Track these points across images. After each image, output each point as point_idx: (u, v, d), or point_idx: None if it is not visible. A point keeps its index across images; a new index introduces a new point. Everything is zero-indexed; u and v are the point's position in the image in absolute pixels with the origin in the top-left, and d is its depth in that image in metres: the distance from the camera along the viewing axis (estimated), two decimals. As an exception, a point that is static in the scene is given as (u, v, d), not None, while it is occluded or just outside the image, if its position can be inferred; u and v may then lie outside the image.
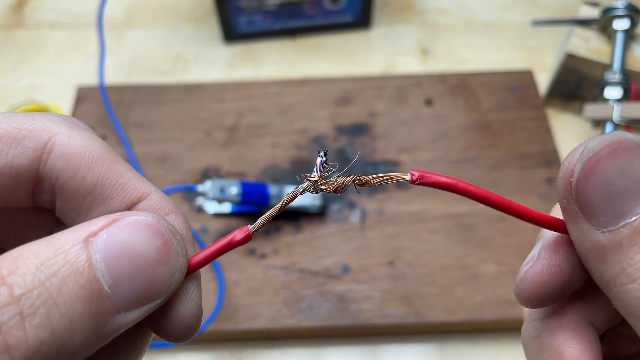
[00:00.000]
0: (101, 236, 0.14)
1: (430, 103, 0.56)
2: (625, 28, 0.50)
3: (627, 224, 0.14)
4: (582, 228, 0.15)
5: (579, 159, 0.15)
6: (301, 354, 0.44)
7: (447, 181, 0.16)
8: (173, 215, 0.17)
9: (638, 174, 0.14)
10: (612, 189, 0.14)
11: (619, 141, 0.14)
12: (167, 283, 0.15)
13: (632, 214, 0.14)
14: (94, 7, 0.67)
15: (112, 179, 0.16)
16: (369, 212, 0.48)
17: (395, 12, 0.68)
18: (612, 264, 0.15)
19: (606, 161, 0.14)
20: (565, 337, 0.18)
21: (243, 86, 0.57)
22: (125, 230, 0.14)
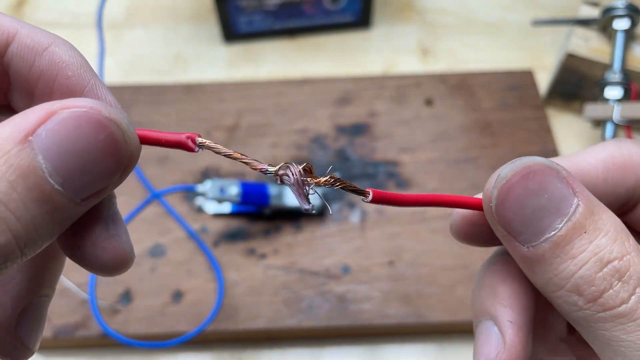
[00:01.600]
0: (40, 134, 0.13)
1: (431, 103, 0.56)
2: (625, 28, 0.50)
3: (547, 238, 0.16)
4: (510, 244, 0.17)
5: (494, 186, 0.17)
6: (301, 354, 0.44)
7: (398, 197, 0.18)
8: None
9: (551, 194, 0.15)
10: (528, 210, 0.16)
11: (528, 166, 0.16)
12: (119, 169, 0.15)
13: (551, 229, 0.15)
14: (94, 6, 0.67)
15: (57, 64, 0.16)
16: (369, 212, 0.48)
17: (395, 11, 0.68)
18: (539, 274, 0.16)
19: (518, 186, 0.16)
20: (503, 278, 0.19)
21: (243, 86, 0.57)
22: (65, 127, 0.13)
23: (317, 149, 0.52)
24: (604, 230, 0.15)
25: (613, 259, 0.15)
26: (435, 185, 0.50)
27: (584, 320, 0.15)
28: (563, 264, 0.15)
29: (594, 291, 0.15)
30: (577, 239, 0.15)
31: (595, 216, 0.15)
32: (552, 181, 0.16)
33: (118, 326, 0.42)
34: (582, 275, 0.15)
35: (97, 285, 0.44)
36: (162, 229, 0.47)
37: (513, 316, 0.18)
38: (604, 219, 0.15)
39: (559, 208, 0.15)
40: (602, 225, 0.15)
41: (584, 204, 0.15)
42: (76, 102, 0.14)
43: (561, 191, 0.15)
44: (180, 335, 0.42)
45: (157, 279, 0.45)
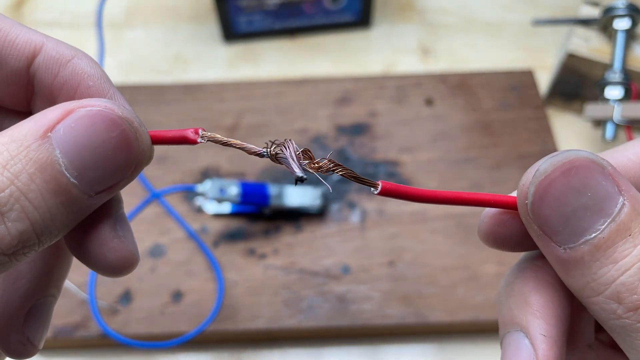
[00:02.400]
0: (58, 130, 0.14)
1: (431, 103, 0.56)
2: (625, 28, 0.50)
3: (587, 240, 0.14)
4: (545, 244, 0.16)
5: (531, 182, 0.15)
6: (301, 355, 0.44)
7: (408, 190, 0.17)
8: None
9: (594, 191, 0.14)
10: (568, 209, 0.14)
11: (571, 161, 0.15)
12: (131, 165, 0.16)
13: (592, 231, 0.14)
14: (93, 6, 0.67)
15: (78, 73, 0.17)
16: (369, 212, 0.48)
17: (395, 11, 0.68)
18: (576, 278, 0.15)
19: (559, 182, 0.15)
20: (536, 286, 0.17)
21: (243, 86, 0.57)
22: (81, 124, 0.15)
23: (317, 149, 0.52)
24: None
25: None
26: (436, 185, 0.50)
27: (622, 329, 0.14)
28: (603, 269, 0.14)
29: (635, 300, 0.14)
30: (620, 242, 0.14)
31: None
32: (597, 178, 0.14)
33: (118, 326, 0.42)
34: (623, 282, 0.14)
35: (97, 286, 0.44)
36: (162, 229, 0.47)
37: (546, 328, 0.17)
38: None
39: (603, 207, 0.14)
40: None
41: (630, 203, 0.14)
42: (92, 102, 0.15)
43: (606, 189, 0.14)
44: (180, 336, 0.42)
45: (156, 279, 0.45)
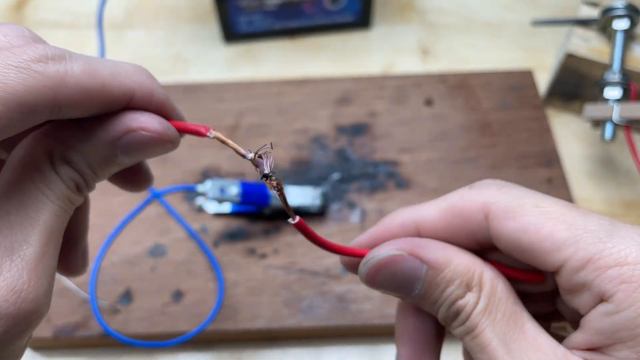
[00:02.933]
0: (123, 140, 0.21)
1: (430, 103, 0.56)
2: (625, 28, 0.50)
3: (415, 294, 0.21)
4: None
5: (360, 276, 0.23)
6: (301, 354, 0.44)
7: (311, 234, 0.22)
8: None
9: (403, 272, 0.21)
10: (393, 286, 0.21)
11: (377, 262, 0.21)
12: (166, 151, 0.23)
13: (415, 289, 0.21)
14: (94, 7, 0.67)
15: None
16: (368, 212, 0.48)
17: (395, 11, 0.68)
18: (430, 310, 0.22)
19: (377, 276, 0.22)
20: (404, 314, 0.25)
21: (243, 86, 0.57)
22: (137, 141, 0.22)
23: (317, 148, 0.52)
24: (450, 280, 0.20)
25: (457, 299, 0.20)
26: (435, 185, 0.50)
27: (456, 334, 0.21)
28: (432, 307, 0.21)
29: (449, 321, 0.21)
30: (434, 291, 0.20)
31: (442, 272, 0.20)
32: (401, 264, 0.20)
33: (118, 326, 0.42)
34: (442, 313, 0.21)
35: (98, 286, 0.44)
36: (162, 229, 0.47)
37: (407, 350, 0.24)
38: (451, 270, 0.20)
39: (414, 277, 0.20)
40: (450, 275, 0.20)
41: (429, 268, 0.20)
42: (149, 126, 0.21)
43: (410, 266, 0.20)
44: (180, 335, 0.42)
45: (157, 278, 0.45)
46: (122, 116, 0.21)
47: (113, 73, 0.20)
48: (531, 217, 0.19)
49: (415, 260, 0.20)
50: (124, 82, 0.20)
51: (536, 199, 0.20)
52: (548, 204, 0.19)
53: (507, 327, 0.19)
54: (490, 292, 0.20)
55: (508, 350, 0.18)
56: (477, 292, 0.20)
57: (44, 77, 0.17)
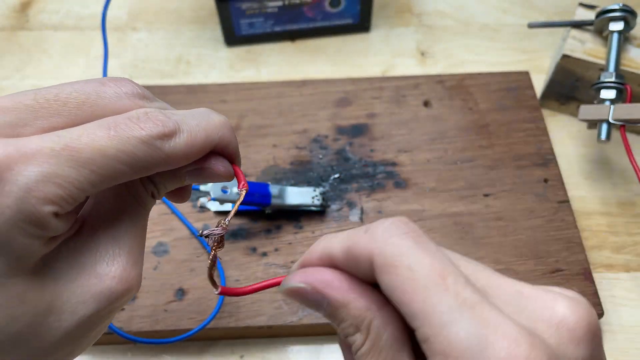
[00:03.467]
0: (193, 172, 0.26)
1: (428, 104, 0.57)
2: (620, 30, 0.51)
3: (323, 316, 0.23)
4: None
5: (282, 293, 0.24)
6: (302, 351, 0.45)
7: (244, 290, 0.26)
8: None
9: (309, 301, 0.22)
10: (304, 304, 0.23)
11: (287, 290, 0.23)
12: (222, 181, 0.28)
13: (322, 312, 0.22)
14: (97, 9, 0.68)
15: None
16: (368, 211, 0.49)
17: (394, 14, 0.68)
18: None
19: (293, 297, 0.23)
20: None
21: (244, 87, 0.58)
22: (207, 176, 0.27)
23: (317, 149, 0.53)
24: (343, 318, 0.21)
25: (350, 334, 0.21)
26: (433, 185, 0.51)
27: None
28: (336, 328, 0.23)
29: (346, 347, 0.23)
30: (332, 321, 0.22)
31: (339, 309, 0.22)
32: (306, 295, 0.22)
33: (122, 323, 0.43)
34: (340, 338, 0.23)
35: (102, 283, 0.45)
36: (165, 228, 0.48)
37: None
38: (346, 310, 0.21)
39: (318, 306, 0.22)
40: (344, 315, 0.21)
41: (330, 304, 0.22)
42: (217, 168, 0.26)
43: (314, 298, 0.22)
44: (183, 332, 0.43)
45: (160, 277, 0.46)
46: (207, 158, 0.26)
47: (209, 135, 0.24)
48: (398, 279, 0.20)
49: (318, 294, 0.22)
50: (213, 140, 0.25)
51: (417, 259, 0.20)
52: (421, 268, 0.20)
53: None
54: (374, 339, 0.21)
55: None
56: (364, 335, 0.21)
57: (160, 151, 0.22)
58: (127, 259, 0.24)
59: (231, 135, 0.26)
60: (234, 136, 0.27)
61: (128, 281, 0.23)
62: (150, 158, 0.22)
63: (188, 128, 0.24)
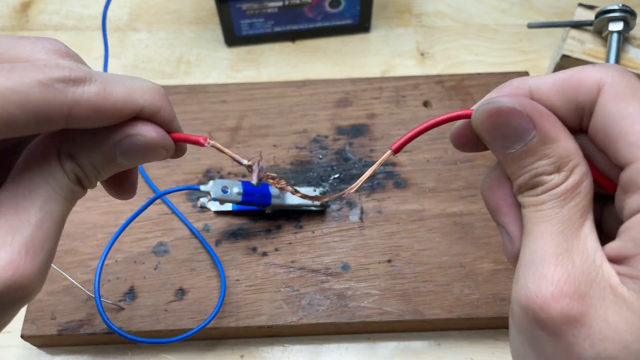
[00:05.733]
0: (123, 143, 0.24)
1: (428, 104, 0.57)
2: (620, 30, 0.51)
3: (509, 153, 0.23)
4: (491, 150, 0.24)
5: (474, 117, 0.24)
6: (302, 350, 0.45)
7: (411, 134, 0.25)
8: None
9: (512, 126, 0.22)
10: (497, 135, 0.23)
11: (497, 108, 0.22)
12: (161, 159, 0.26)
13: (512, 148, 0.22)
14: (98, 9, 0.68)
15: None
16: (367, 211, 0.49)
17: (393, 15, 0.69)
18: (507, 170, 0.24)
19: (489, 120, 0.22)
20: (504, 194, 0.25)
21: (245, 88, 0.58)
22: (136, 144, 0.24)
23: (317, 149, 0.53)
24: (548, 156, 0.21)
25: (543, 173, 0.21)
26: (433, 185, 0.51)
27: (521, 203, 0.23)
28: (516, 170, 0.23)
29: (524, 188, 0.23)
30: (527, 158, 0.22)
31: (547, 145, 0.21)
32: (515, 119, 0.21)
33: (122, 323, 0.43)
34: (523, 178, 0.22)
35: (102, 284, 0.45)
36: (166, 228, 0.48)
37: (511, 221, 0.24)
38: (553, 147, 0.21)
39: (520, 136, 0.22)
40: (550, 152, 0.21)
41: (539, 136, 0.21)
42: (147, 134, 0.24)
43: (522, 125, 0.21)
44: (183, 332, 0.43)
45: (160, 276, 0.46)
46: (125, 123, 0.23)
47: (128, 93, 0.22)
48: (634, 109, 0.20)
49: (529, 122, 0.21)
50: (136, 101, 0.23)
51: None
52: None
53: (571, 218, 0.21)
54: (575, 182, 0.21)
55: (558, 243, 0.21)
56: (564, 177, 0.21)
57: (63, 95, 0.20)
58: (21, 248, 0.21)
59: (163, 102, 0.24)
60: (167, 103, 0.25)
61: (17, 272, 0.20)
62: (49, 103, 0.20)
63: (103, 80, 0.21)
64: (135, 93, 0.23)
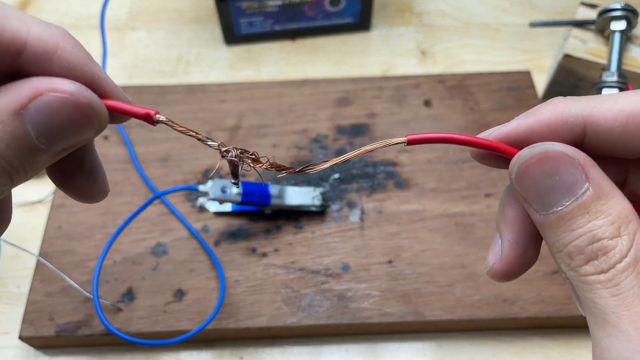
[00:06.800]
0: (29, 109, 0.17)
1: (429, 104, 0.56)
2: (622, 29, 0.51)
3: (555, 211, 0.18)
4: (526, 208, 0.20)
5: (515, 164, 0.20)
6: (301, 352, 0.45)
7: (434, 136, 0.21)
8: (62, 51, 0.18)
9: (562, 176, 0.18)
10: (540, 188, 0.19)
11: (545, 151, 0.19)
12: (90, 134, 0.19)
13: (559, 205, 0.18)
14: (97, 8, 0.68)
15: None
16: (368, 212, 0.49)
17: (394, 13, 0.68)
18: (547, 236, 0.19)
19: (534, 167, 0.19)
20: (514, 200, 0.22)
21: (244, 87, 0.58)
22: (49, 106, 0.17)
23: (317, 149, 0.53)
24: (605, 214, 0.18)
25: (604, 237, 0.17)
26: (434, 185, 0.50)
27: (573, 280, 0.19)
28: (564, 234, 0.18)
29: (581, 259, 0.18)
30: (579, 217, 0.18)
31: (602, 200, 0.18)
32: (565, 167, 0.18)
33: (120, 324, 0.43)
34: (575, 245, 0.18)
35: (100, 285, 0.45)
36: (164, 228, 0.48)
37: (513, 235, 0.21)
38: (609, 204, 0.18)
39: (570, 189, 0.18)
40: (606, 209, 0.18)
41: (593, 189, 0.18)
42: (60, 86, 0.17)
43: (574, 176, 0.18)
44: (182, 333, 0.42)
45: (159, 277, 0.45)
46: (27, 79, 0.17)
47: (5, 16, 0.17)
48: None
49: (581, 172, 0.18)
50: (15, 29, 0.17)
51: None
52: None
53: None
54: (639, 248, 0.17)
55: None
56: (628, 241, 0.17)
57: None
58: None
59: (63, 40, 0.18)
60: (73, 44, 0.18)
61: None
62: None
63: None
64: (17, 18, 0.17)
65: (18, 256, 0.49)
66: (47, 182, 0.53)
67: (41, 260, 0.45)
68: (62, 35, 0.18)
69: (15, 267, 0.48)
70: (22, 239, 0.49)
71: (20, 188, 0.23)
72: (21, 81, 0.17)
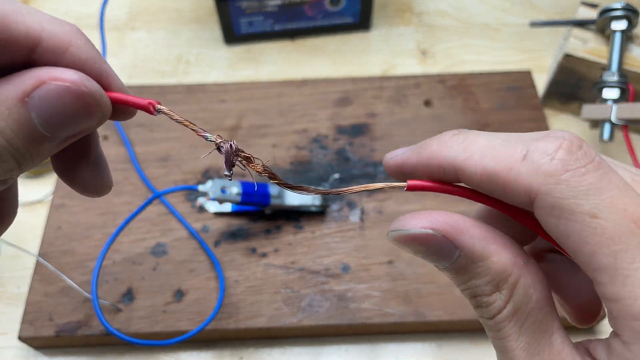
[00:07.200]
0: (34, 97, 0.18)
1: (430, 103, 0.56)
2: (623, 29, 0.51)
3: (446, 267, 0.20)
4: None
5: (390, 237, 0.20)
6: (301, 353, 0.45)
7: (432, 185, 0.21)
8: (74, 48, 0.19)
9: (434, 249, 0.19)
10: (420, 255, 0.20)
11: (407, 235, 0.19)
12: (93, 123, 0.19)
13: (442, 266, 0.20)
14: (96, 8, 0.68)
15: None
16: (368, 212, 0.49)
17: (394, 13, 0.68)
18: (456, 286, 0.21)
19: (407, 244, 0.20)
20: None
21: (244, 87, 0.57)
22: (52, 95, 0.18)
23: (317, 149, 0.53)
24: (481, 274, 0.18)
25: (483, 294, 0.18)
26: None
27: None
28: (457, 284, 0.20)
29: (473, 302, 0.19)
30: (461, 275, 0.19)
31: (477, 263, 0.18)
32: (432, 243, 0.19)
33: (120, 325, 0.43)
34: (465, 292, 0.20)
35: (100, 285, 0.45)
36: (164, 228, 0.48)
37: None
38: (485, 265, 0.18)
39: (445, 256, 0.19)
40: (482, 270, 0.18)
41: (465, 255, 0.18)
42: (63, 75, 0.18)
43: (442, 248, 0.19)
44: (181, 334, 0.42)
45: (159, 278, 0.45)
46: (32, 69, 0.18)
47: (20, 12, 0.18)
48: (575, 227, 0.16)
49: (449, 243, 0.18)
50: (30, 24, 0.18)
51: (604, 202, 0.16)
52: (610, 214, 0.16)
53: (534, 337, 0.18)
54: (520, 302, 0.18)
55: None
56: (506, 296, 0.18)
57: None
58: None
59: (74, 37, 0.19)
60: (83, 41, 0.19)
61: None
62: None
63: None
64: (30, 15, 0.18)
65: (17, 256, 0.49)
66: (47, 182, 0.53)
67: (41, 261, 0.45)
68: (74, 32, 0.19)
69: (14, 267, 0.48)
70: (21, 239, 0.49)
71: (20, 188, 0.23)
72: (26, 71, 0.18)
